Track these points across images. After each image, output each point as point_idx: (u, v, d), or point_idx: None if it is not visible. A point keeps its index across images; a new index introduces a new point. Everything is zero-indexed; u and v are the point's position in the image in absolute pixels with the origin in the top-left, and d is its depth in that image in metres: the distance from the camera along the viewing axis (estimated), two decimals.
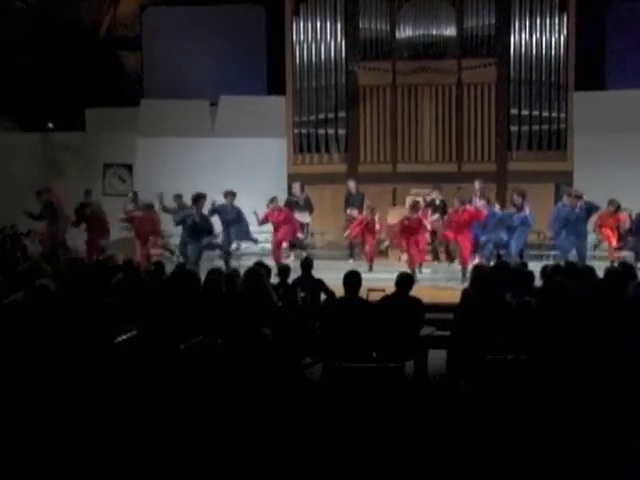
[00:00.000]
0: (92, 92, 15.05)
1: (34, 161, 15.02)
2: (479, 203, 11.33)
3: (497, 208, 11.55)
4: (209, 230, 11.17)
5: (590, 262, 9.51)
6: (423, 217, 11.09)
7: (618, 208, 11.57)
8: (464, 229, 10.90)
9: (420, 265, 11.18)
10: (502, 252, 11.12)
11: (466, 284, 10.01)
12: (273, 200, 11.88)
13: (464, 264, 10.75)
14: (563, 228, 11.04)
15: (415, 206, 11.10)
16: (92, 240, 11.87)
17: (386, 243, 12.03)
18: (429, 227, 11.24)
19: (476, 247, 11.62)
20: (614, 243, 11.64)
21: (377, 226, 11.93)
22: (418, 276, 10.56)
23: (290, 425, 4.43)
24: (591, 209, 11.07)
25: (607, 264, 9.59)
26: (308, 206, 12.86)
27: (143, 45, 16.50)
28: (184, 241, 11.23)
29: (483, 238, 11.22)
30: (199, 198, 11.04)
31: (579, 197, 10.93)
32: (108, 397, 4.71)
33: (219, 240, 11.70)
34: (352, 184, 13.04)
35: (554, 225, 11.21)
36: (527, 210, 11.17)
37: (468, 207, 10.99)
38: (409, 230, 10.90)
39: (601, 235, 11.80)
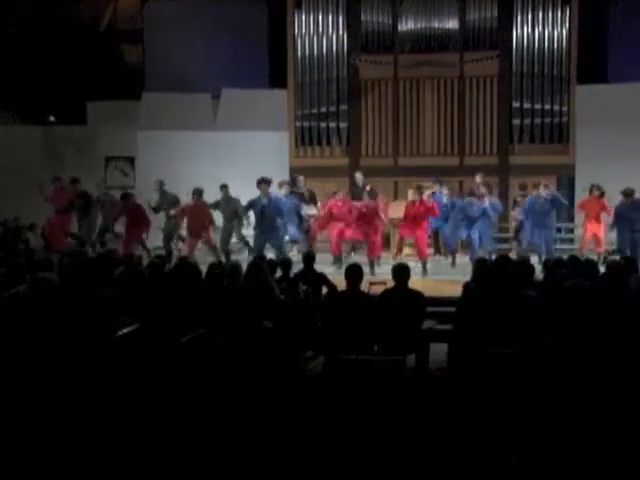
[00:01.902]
0: (93, 85, 15.02)
1: (35, 154, 15.02)
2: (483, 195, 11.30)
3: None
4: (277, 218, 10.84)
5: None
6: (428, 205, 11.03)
7: (602, 194, 11.47)
8: (421, 223, 10.90)
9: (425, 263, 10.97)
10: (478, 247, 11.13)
11: (427, 278, 10.17)
12: (337, 193, 11.69)
13: (424, 259, 10.72)
14: (527, 219, 11.08)
15: (420, 189, 11.05)
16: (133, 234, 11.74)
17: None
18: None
19: (436, 240, 11.71)
20: (602, 236, 11.55)
21: (382, 214, 11.17)
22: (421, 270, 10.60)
23: (292, 418, 4.45)
24: (555, 201, 11.05)
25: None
26: (313, 199, 12.86)
27: (144, 38, 16.44)
28: (228, 232, 11.30)
29: (446, 232, 11.35)
30: (264, 181, 10.78)
31: (547, 186, 10.92)
32: (109, 391, 4.72)
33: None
34: (359, 176, 12.92)
35: (526, 219, 11.28)
36: (487, 201, 11.19)
37: (425, 200, 11.01)
38: (414, 217, 10.84)
39: (587, 234, 11.70)
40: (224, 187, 11.71)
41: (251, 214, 11.25)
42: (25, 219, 12.91)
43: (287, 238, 11.62)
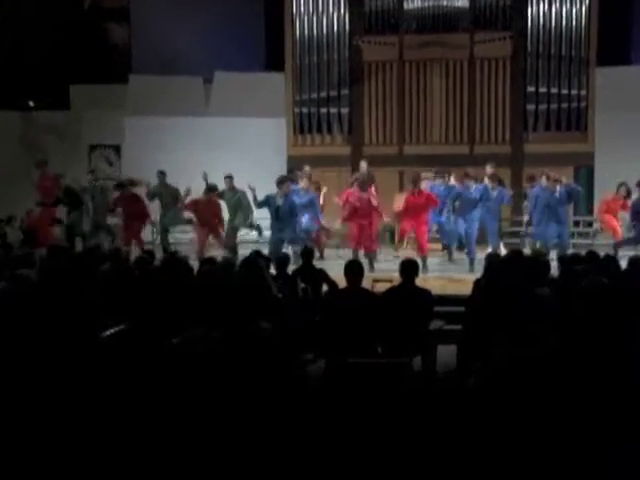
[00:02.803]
0: (76, 67, 15.02)
1: (13, 143, 15.02)
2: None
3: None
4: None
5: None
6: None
7: (629, 194, 11.50)
8: (421, 215, 10.89)
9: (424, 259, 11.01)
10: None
11: (427, 275, 10.18)
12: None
13: (423, 254, 10.68)
14: (543, 214, 11.03)
15: (416, 180, 11.00)
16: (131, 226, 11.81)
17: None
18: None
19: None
20: (619, 233, 11.59)
21: (374, 202, 11.06)
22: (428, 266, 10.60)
23: (290, 425, 4.46)
24: (572, 193, 11.03)
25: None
26: (317, 189, 12.82)
27: (131, 17, 16.41)
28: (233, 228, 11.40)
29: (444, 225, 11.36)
30: (285, 181, 10.82)
31: (558, 181, 10.90)
32: (94, 396, 4.74)
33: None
34: (364, 165, 12.92)
35: (534, 212, 11.22)
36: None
37: (424, 189, 11.00)
38: (415, 208, 10.83)
39: (604, 225, 11.73)
40: (229, 178, 11.70)
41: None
42: (2, 212, 12.92)
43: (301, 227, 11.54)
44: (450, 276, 10.42)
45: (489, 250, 10.41)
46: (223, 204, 11.82)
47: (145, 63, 15.58)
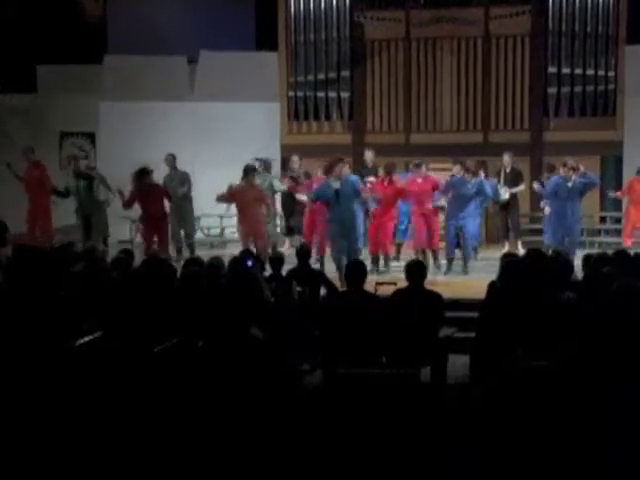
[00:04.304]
0: (45, 46, 15.02)
1: None
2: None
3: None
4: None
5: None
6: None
7: None
8: (389, 209, 10.92)
9: (435, 256, 11.07)
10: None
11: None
12: (419, 165, 11.28)
13: (382, 255, 10.79)
14: (551, 204, 11.05)
15: (388, 168, 10.99)
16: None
17: None
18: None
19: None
20: (628, 239, 11.67)
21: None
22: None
23: (285, 442, 4.48)
24: (587, 185, 10.96)
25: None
26: None
27: None
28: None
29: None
30: (335, 164, 10.43)
31: (574, 169, 10.86)
32: (67, 410, 4.75)
33: None
34: (370, 155, 12.84)
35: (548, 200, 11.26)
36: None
37: (396, 180, 11.03)
38: (384, 200, 10.83)
39: (631, 221, 11.74)
40: (253, 170, 11.36)
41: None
42: None
43: None
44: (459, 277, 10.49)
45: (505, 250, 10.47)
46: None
47: (122, 41, 15.59)
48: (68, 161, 12.65)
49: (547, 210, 11.27)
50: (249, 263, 6.82)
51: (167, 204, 11.61)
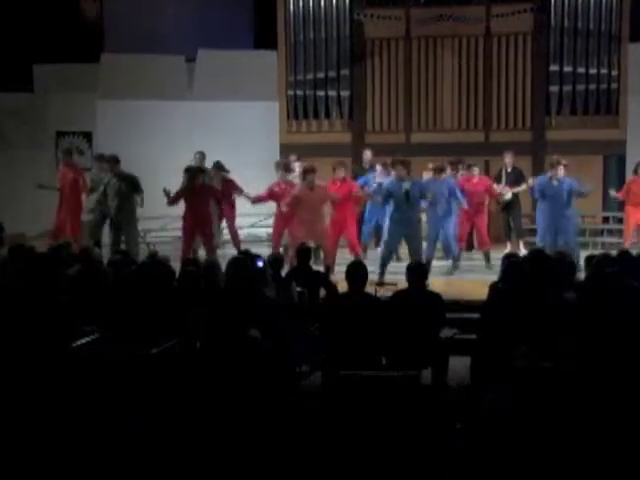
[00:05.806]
0: (42, 45, 15.01)
1: None
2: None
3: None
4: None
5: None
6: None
7: None
8: (345, 210, 10.99)
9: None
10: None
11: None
12: (471, 166, 11.57)
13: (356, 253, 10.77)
14: (540, 204, 10.96)
15: (336, 167, 11.04)
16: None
17: None
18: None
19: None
20: (628, 239, 11.64)
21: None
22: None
23: (284, 444, 4.47)
24: (573, 191, 10.72)
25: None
26: None
27: None
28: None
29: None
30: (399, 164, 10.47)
31: (558, 164, 10.71)
32: (65, 412, 4.75)
33: None
34: (368, 154, 12.89)
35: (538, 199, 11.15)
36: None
37: (348, 180, 11.14)
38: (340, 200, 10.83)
39: (631, 221, 11.73)
40: (313, 171, 10.86)
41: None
42: None
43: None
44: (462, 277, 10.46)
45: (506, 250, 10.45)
46: None
47: (119, 40, 15.59)
48: (64, 154, 12.54)
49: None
50: (259, 264, 6.80)
51: (213, 206, 11.31)
